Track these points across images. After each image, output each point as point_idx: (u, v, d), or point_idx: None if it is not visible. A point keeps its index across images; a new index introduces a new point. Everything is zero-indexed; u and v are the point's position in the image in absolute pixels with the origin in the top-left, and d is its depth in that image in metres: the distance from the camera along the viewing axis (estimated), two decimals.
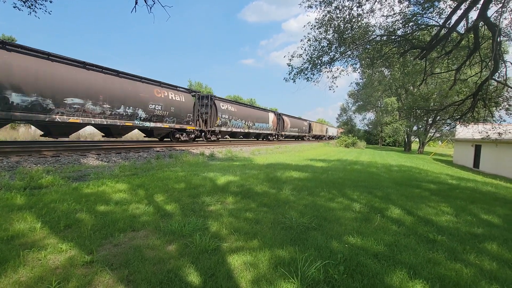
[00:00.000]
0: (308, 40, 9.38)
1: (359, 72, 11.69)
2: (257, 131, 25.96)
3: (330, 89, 9.90)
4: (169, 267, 2.40)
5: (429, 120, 36.09)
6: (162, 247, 2.79)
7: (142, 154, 11.41)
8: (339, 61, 9.86)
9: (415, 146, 47.34)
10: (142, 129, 14.62)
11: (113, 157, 10.08)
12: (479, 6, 7.39)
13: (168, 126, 14.85)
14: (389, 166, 14.18)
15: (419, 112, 17.87)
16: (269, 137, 29.37)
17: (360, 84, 44.33)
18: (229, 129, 20.90)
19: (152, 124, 13.70)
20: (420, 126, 40.34)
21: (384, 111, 43.94)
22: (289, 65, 9.69)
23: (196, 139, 19.05)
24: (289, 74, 9.75)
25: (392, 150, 43.86)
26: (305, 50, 9.46)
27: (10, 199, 4.07)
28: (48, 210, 3.61)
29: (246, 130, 23.64)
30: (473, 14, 8.28)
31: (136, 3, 4.75)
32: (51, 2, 9.82)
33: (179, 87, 16.37)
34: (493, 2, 7.85)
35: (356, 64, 10.67)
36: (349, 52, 9.38)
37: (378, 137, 60.55)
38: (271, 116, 28.83)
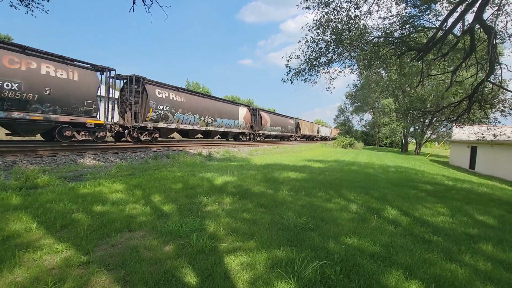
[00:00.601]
0: (306, 41, 9.42)
1: (356, 74, 11.74)
2: (222, 129, 20.69)
3: (327, 90, 9.92)
4: (166, 268, 2.39)
5: (426, 121, 36.33)
6: (159, 247, 2.79)
7: (139, 154, 11.37)
8: (337, 62, 9.92)
9: (412, 147, 47.63)
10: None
11: (110, 157, 10.04)
12: (475, 9, 7.46)
13: (42, 118, 9.84)
14: (386, 167, 14.26)
15: (416, 113, 17.98)
16: (240, 137, 24.33)
17: (357, 85, 44.49)
18: (173, 126, 15.82)
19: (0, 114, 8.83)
20: (417, 127, 40.62)
21: (381, 112, 44.14)
22: (287, 66, 9.72)
23: (121, 139, 14.67)
24: (287, 75, 9.78)
25: (389, 151, 44.09)
26: (302, 51, 9.50)
27: (6, 199, 4.04)
28: (44, 210, 3.59)
29: (203, 128, 18.46)
30: (469, 17, 8.42)
31: (134, 3, 4.74)
32: (48, 1, 9.77)
33: (74, 60, 11.04)
34: (489, 5, 7.93)
35: (353, 65, 10.74)
36: (346, 54, 9.43)
37: (376, 138, 60.81)
38: (243, 111, 23.53)
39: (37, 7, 9.57)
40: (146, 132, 14.70)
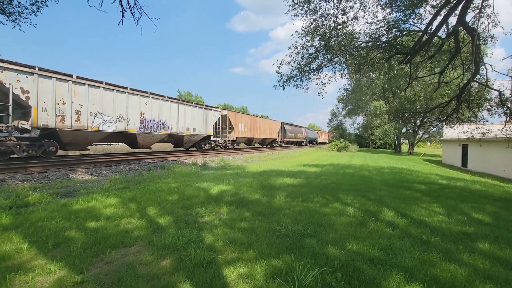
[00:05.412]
0: (295, 48, 9.55)
1: (347, 78, 11.93)
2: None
3: (319, 95, 10.05)
4: (164, 283, 2.34)
5: (417, 121, 36.96)
6: (155, 262, 2.72)
7: (133, 166, 11.23)
8: (327, 67, 10.07)
9: (405, 147, 48.27)
10: None
11: (103, 171, 9.88)
12: (457, 12, 7.70)
13: None
14: (380, 169, 14.37)
15: (407, 114, 18.31)
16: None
17: (348, 89, 45.17)
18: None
19: None
20: (409, 128, 41.24)
21: (373, 115, 44.74)
22: (278, 73, 9.81)
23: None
24: (279, 82, 9.88)
25: (383, 152, 44.56)
26: (293, 57, 9.62)
27: None
28: (36, 229, 3.49)
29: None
30: (453, 20, 8.63)
31: (123, 16, 4.74)
32: (36, 15, 9.75)
33: None
34: (470, 8, 8.20)
35: (343, 70, 10.91)
36: (336, 59, 9.58)
37: (369, 140, 61.46)
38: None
39: (24, 22, 9.53)
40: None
